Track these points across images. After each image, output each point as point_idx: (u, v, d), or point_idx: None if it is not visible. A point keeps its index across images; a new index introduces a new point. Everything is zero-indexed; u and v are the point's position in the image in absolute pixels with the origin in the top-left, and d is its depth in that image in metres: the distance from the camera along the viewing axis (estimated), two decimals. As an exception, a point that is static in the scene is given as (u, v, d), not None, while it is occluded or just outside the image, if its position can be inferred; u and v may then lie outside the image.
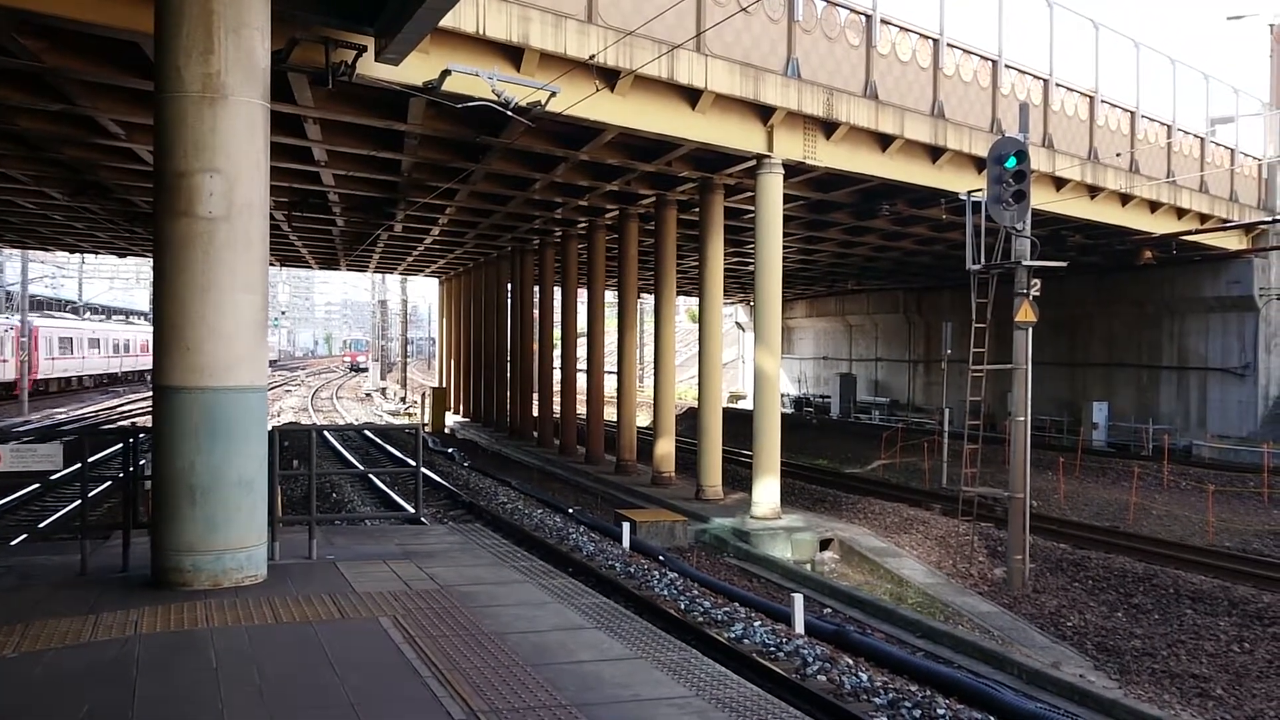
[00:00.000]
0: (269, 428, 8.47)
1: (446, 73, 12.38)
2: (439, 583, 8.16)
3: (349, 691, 5.43)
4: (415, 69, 12.45)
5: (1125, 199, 23.94)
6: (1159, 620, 13.56)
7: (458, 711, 5.15)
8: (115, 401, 47.99)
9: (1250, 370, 29.25)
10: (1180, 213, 25.99)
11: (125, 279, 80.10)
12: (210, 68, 7.65)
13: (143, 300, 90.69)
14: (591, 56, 13.66)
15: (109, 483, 18.77)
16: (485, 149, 17.84)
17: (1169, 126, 24.84)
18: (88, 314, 66.93)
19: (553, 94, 13.03)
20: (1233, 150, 27.67)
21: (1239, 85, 27.95)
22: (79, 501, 17.36)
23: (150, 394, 8.70)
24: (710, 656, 6.89)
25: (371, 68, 12.02)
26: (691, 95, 15.67)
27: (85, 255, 57.84)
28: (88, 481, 8.88)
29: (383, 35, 11.30)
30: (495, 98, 12.50)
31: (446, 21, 12.18)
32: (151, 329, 8.73)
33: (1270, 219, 28.12)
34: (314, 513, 9.37)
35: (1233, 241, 28.47)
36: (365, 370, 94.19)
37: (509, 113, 12.82)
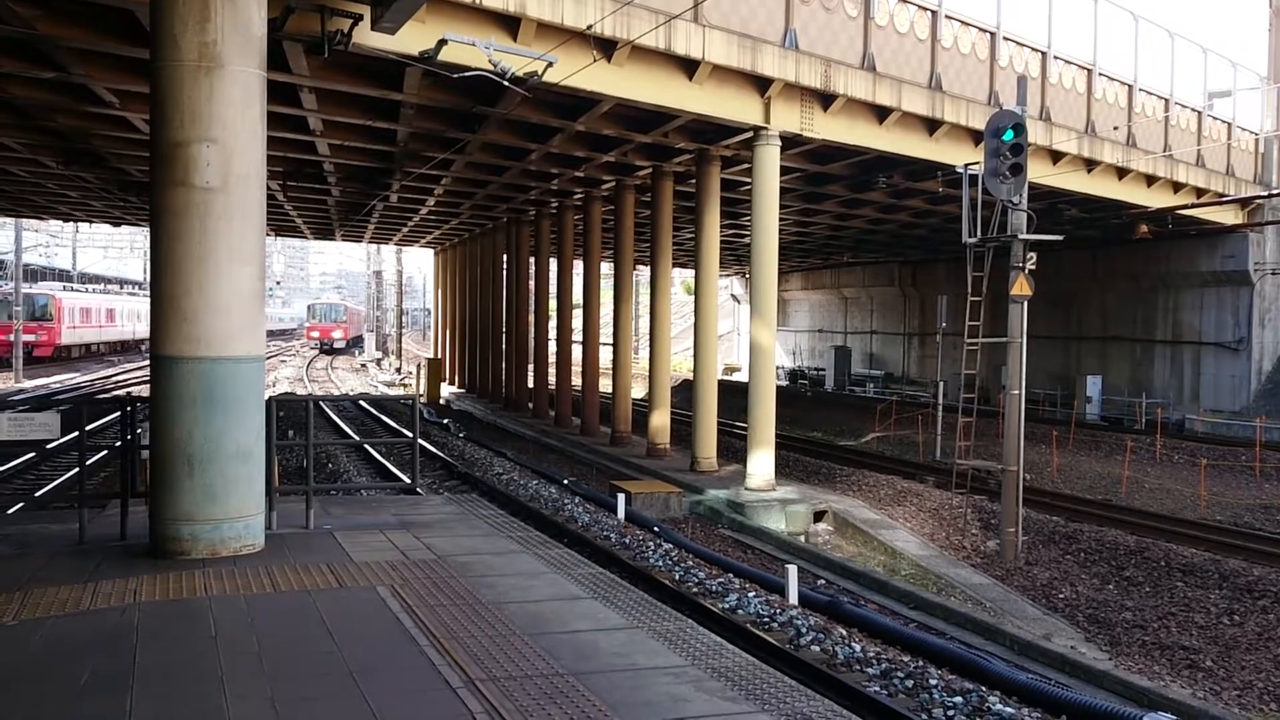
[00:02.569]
0: (265, 398, 8.48)
1: (443, 42, 12.30)
2: (436, 553, 8.21)
3: (348, 659, 5.48)
4: (411, 38, 12.38)
5: (1122, 173, 23.91)
6: (1150, 593, 13.67)
7: (455, 680, 5.20)
8: (109, 371, 47.95)
9: (1244, 345, 29.32)
10: (1177, 187, 25.95)
11: (119, 248, 79.70)
12: (206, 36, 7.61)
13: (136, 270, 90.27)
14: (589, 26, 13.57)
15: (104, 452, 18.82)
16: (481, 119, 17.76)
17: (1166, 100, 24.77)
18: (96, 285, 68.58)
19: (550, 64, 12.97)
20: (1230, 124, 27.59)
21: (1237, 59, 27.91)
22: (74, 470, 17.38)
23: (143, 364, 8.70)
24: (705, 627, 6.95)
25: (368, 37, 11.95)
26: (689, 66, 15.61)
27: (79, 224, 57.69)
28: (85, 450, 8.90)
29: (379, 4, 11.21)
30: (492, 68, 12.44)
31: (443, -10, 12.13)
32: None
33: (1266, 194, 28.07)
34: (311, 483, 9.42)
35: (1229, 216, 28.46)
36: (342, 352, 75.60)
37: (505, 83, 12.75)
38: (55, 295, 51.40)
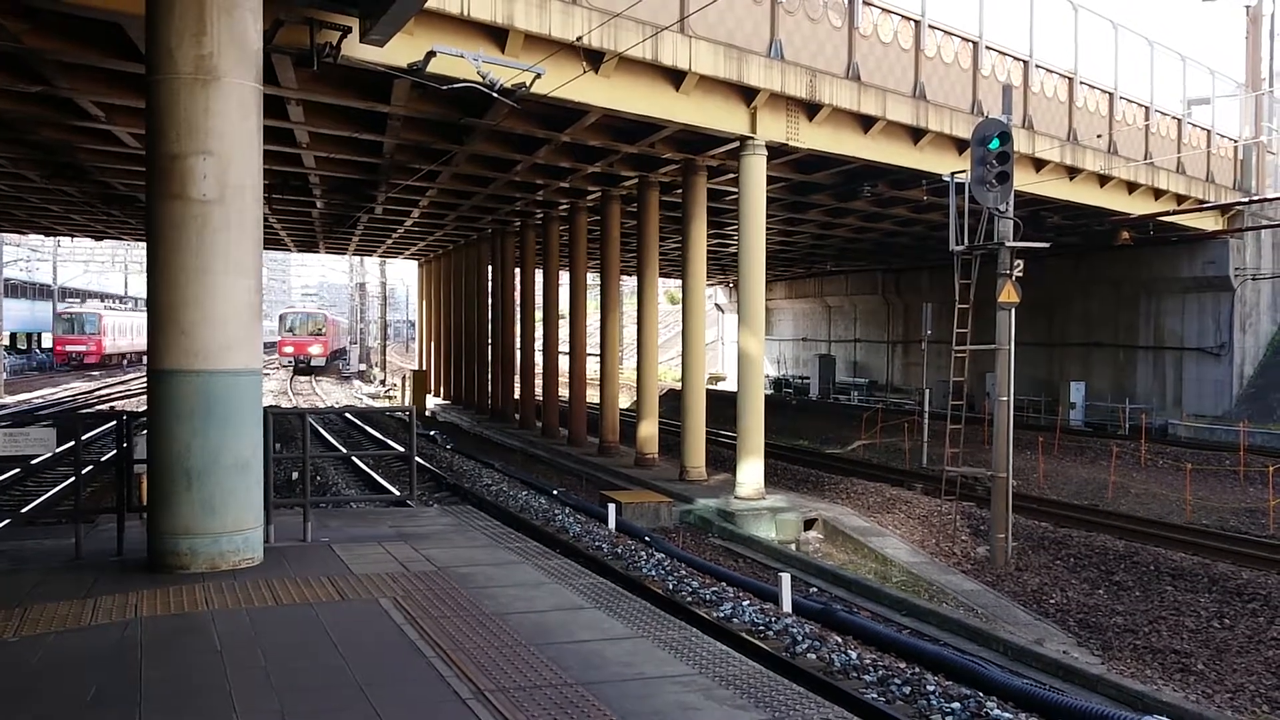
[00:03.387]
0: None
1: (431, 54, 12.30)
2: (435, 564, 8.20)
3: (355, 672, 5.47)
4: (400, 50, 12.38)
5: (1104, 180, 24.11)
6: (1140, 597, 13.76)
7: (465, 691, 5.19)
8: (90, 386, 47.67)
9: (1225, 350, 29.56)
10: (1157, 194, 26.19)
11: (101, 262, 79.28)
12: (203, 49, 7.61)
13: (117, 284, 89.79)
14: (578, 38, 13.62)
15: (90, 466, 18.67)
16: (468, 131, 17.78)
17: (1147, 108, 25.00)
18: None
19: (538, 75, 12.97)
20: (1209, 131, 27.89)
21: (1215, 67, 28.15)
22: (60, 486, 17.20)
23: (124, 379, 8.66)
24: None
25: (356, 49, 11.94)
26: (675, 77, 15.66)
27: (60, 238, 57.47)
28: (81, 465, 8.86)
29: (368, 16, 11.23)
30: (480, 79, 12.45)
31: (431, 3, 12.14)
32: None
33: (1246, 200, 28.37)
34: (308, 495, 9.40)
35: (1209, 222, 28.72)
36: (321, 371, 66.79)
37: (494, 94, 12.75)
38: (101, 314, 64.83)
